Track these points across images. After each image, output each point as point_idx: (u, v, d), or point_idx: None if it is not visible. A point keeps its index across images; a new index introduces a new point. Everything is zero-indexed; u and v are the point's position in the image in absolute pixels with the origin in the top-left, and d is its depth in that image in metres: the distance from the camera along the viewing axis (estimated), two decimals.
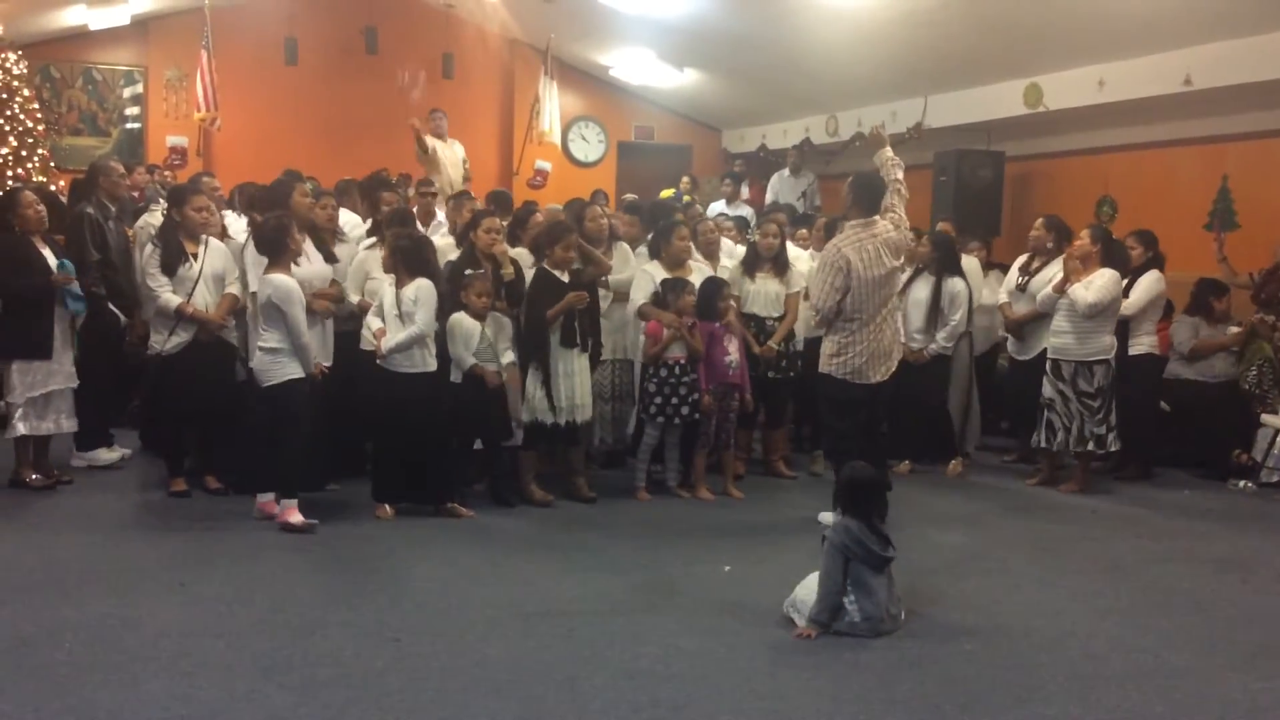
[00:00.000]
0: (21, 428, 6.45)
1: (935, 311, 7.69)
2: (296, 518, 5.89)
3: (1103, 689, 4.17)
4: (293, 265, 6.07)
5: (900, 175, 6.43)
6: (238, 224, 7.36)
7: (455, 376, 6.31)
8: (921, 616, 4.85)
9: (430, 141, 11.24)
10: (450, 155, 11.43)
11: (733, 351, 6.90)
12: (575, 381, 6.55)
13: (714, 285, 6.95)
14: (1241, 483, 7.58)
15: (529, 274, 6.65)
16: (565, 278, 6.53)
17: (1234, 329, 8.03)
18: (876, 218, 6.26)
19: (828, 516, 6.00)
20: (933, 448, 7.96)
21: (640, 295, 6.97)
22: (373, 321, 6.19)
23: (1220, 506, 7.15)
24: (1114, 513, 6.93)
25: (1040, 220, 8.05)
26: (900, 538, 4.85)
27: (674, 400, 6.75)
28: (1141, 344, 7.67)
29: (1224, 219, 9.12)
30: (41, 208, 6.57)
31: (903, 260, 6.53)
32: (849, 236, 6.24)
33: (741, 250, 7.95)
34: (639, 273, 7.10)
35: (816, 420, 7.41)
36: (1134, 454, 7.81)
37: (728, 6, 10.91)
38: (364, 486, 6.43)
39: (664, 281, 6.88)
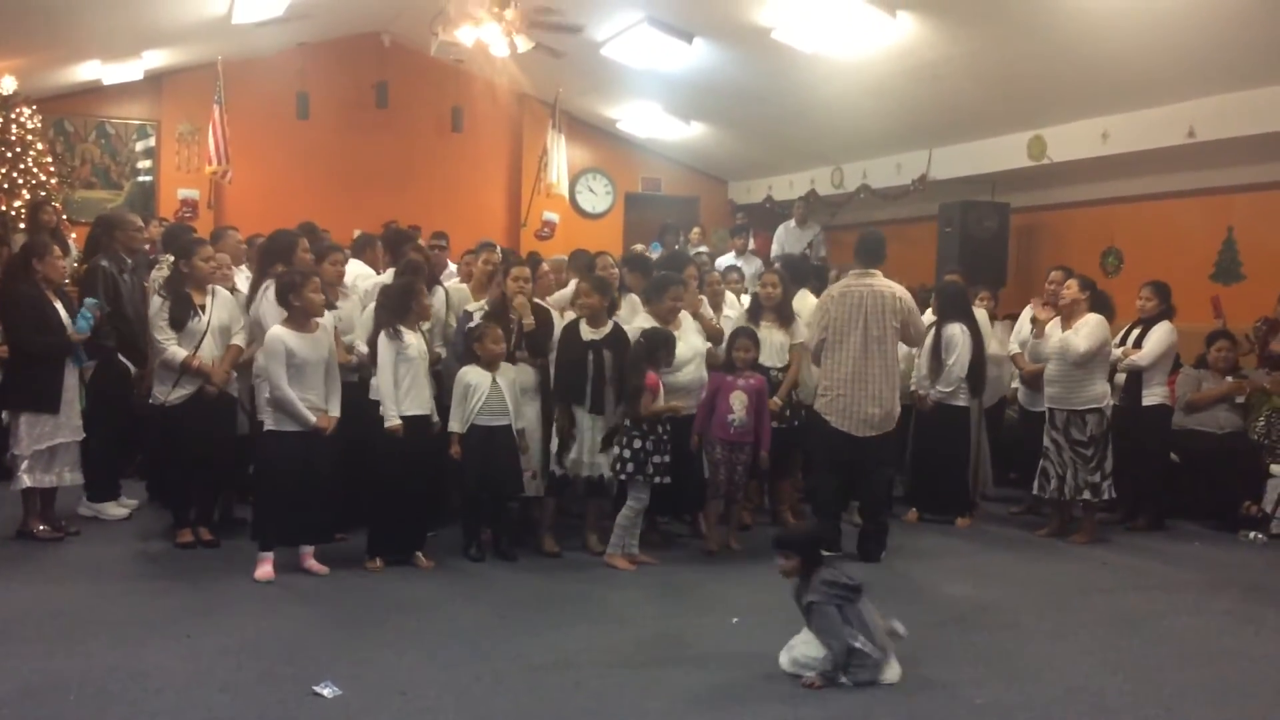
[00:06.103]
0: (27, 480, 6.47)
1: (936, 359, 7.72)
2: (260, 570, 5.90)
3: None
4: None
5: None
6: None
7: (455, 426, 6.32)
8: (931, 669, 4.81)
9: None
10: None
11: (737, 409, 6.70)
12: (586, 438, 6.52)
13: (731, 336, 6.95)
14: (1252, 534, 7.55)
15: (559, 324, 6.76)
16: (589, 335, 6.53)
17: (1230, 379, 8.05)
18: (877, 272, 6.47)
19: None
20: (944, 499, 7.91)
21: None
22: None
23: (1231, 558, 7.11)
24: (1124, 564, 6.89)
25: (1056, 271, 8.10)
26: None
27: (654, 460, 6.38)
28: (1155, 394, 7.68)
29: (1227, 272, 9.17)
30: (64, 263, 6.67)
31: (898, 322, 6.62)
32: (840, 283, 6.61)
33: (743, 301, 7.99)
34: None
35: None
36: (1145, 505, 7.80)
37: (734, 61, 11.03)
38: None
39: (646, 332, 6.58)
